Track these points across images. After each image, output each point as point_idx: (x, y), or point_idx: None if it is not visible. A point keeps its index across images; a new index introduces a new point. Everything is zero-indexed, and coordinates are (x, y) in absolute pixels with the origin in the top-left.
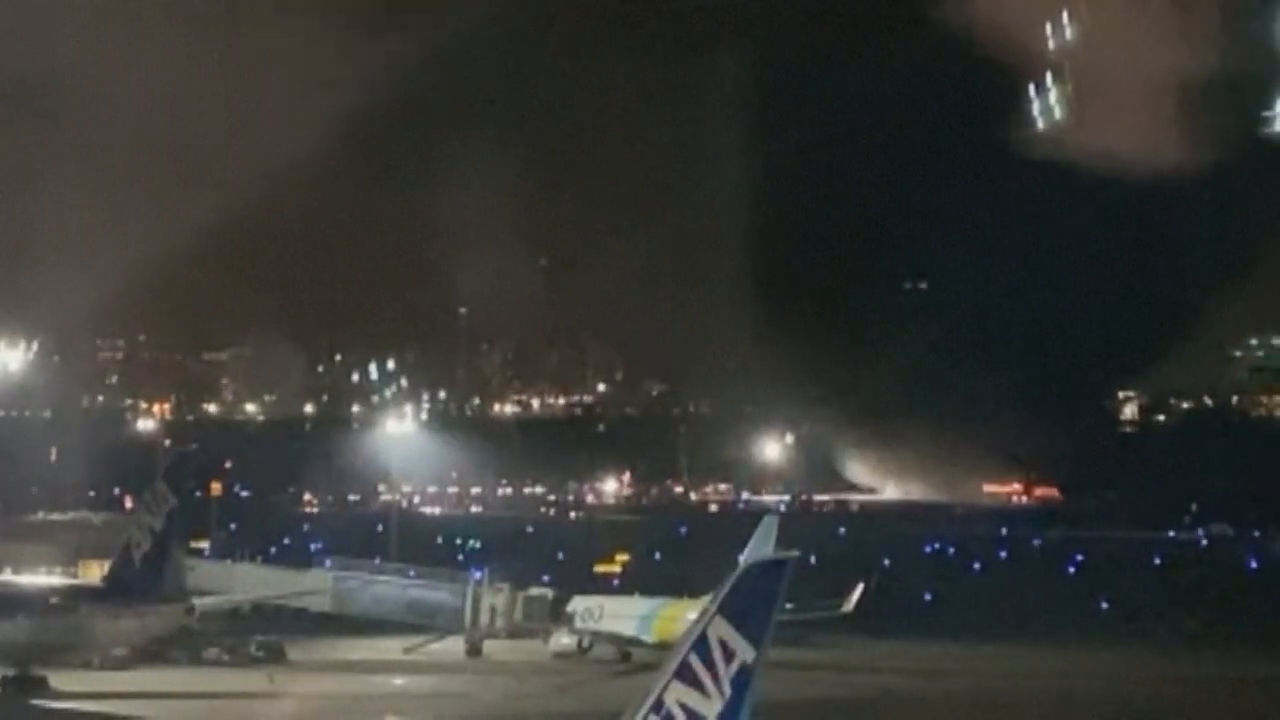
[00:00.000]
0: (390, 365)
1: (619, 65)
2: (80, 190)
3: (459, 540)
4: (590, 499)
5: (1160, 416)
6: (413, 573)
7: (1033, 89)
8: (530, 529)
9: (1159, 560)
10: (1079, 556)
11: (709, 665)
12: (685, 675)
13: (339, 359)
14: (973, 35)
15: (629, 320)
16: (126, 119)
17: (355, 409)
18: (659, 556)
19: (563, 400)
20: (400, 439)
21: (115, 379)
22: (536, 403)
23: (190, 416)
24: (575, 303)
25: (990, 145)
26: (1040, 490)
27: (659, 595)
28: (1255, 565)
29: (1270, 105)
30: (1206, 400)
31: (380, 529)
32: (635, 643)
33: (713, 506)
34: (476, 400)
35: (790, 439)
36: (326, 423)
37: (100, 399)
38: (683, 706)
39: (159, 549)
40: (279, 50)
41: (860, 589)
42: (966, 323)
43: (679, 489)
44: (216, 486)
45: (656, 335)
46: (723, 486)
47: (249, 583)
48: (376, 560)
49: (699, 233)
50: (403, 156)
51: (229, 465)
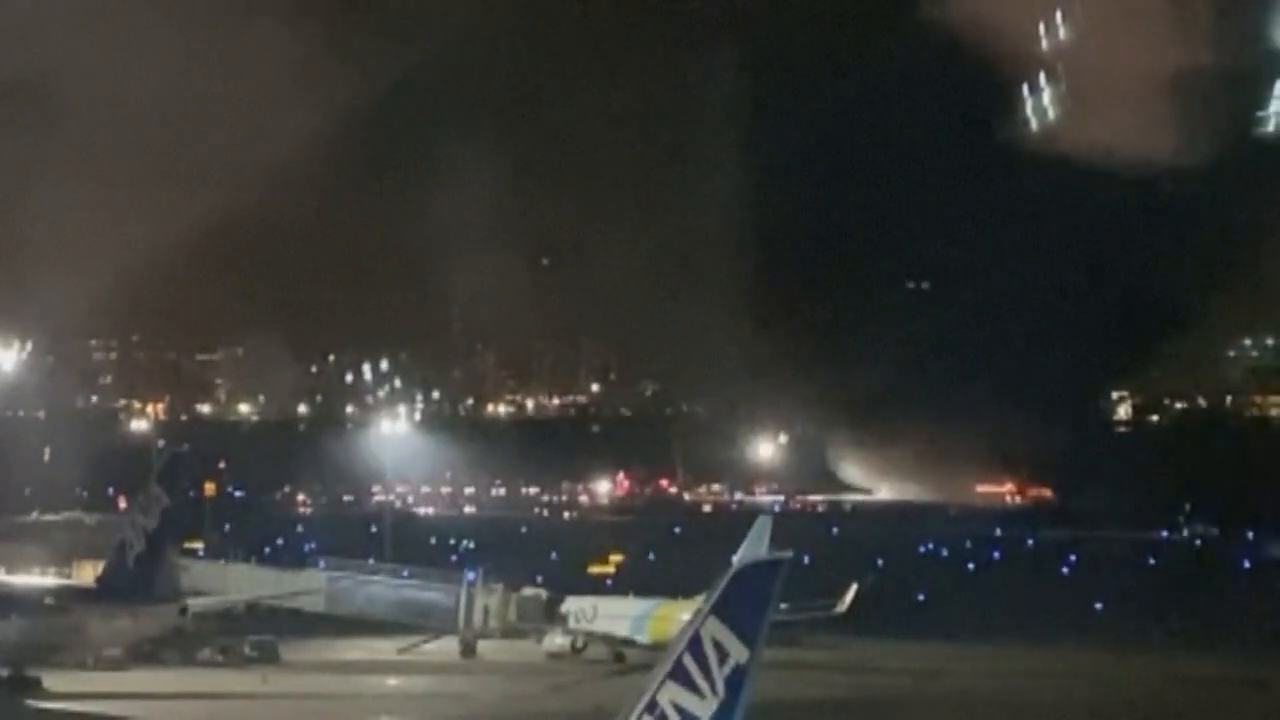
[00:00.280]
0: (384, 365)
1: (613, 63)
2: (74, 190)
3: (453, 540)
4: (584, 499)
5: (1154, 417)
6: (406, 573)
7: (1026, 89)
8: (524, 529)
9: (1153, 560)
10: (1072, 557)
11: (703, 666)
12: (679, 676)
13: (333, 359)
14: (966, 35)
15: (623, 320)
16: (122, 119)
17: (349, 409)
18: (653, 557)
19: (556, 400)
20: (394, 439)
21: (109, 379)
22: (530, 403)
23: (184, 417)
24: (569, 303)
25: (984, 145)
26: (1034, 490)
27: (653, 596)
28: (1248, 565)
29: (1263, 104)
30: (1200, 401)
31: (374, 529)
32: (629, 643)
33: (706, 507)
34: (470, 400)
35: (784, 439)
36: (320, 423)
37: (94, 399)
38: (676, 707)
39: (153, 550)
40: (270, 50)
41: (854, 589)
42: (960, 323)
43: (673, 489)
44: (210, 487)
45: (650, 335)
46: (716, 487)
47: (243, 583)
48: (370, 560)
49: (693, 233)
50: (397, 156)
51: (223, 466)
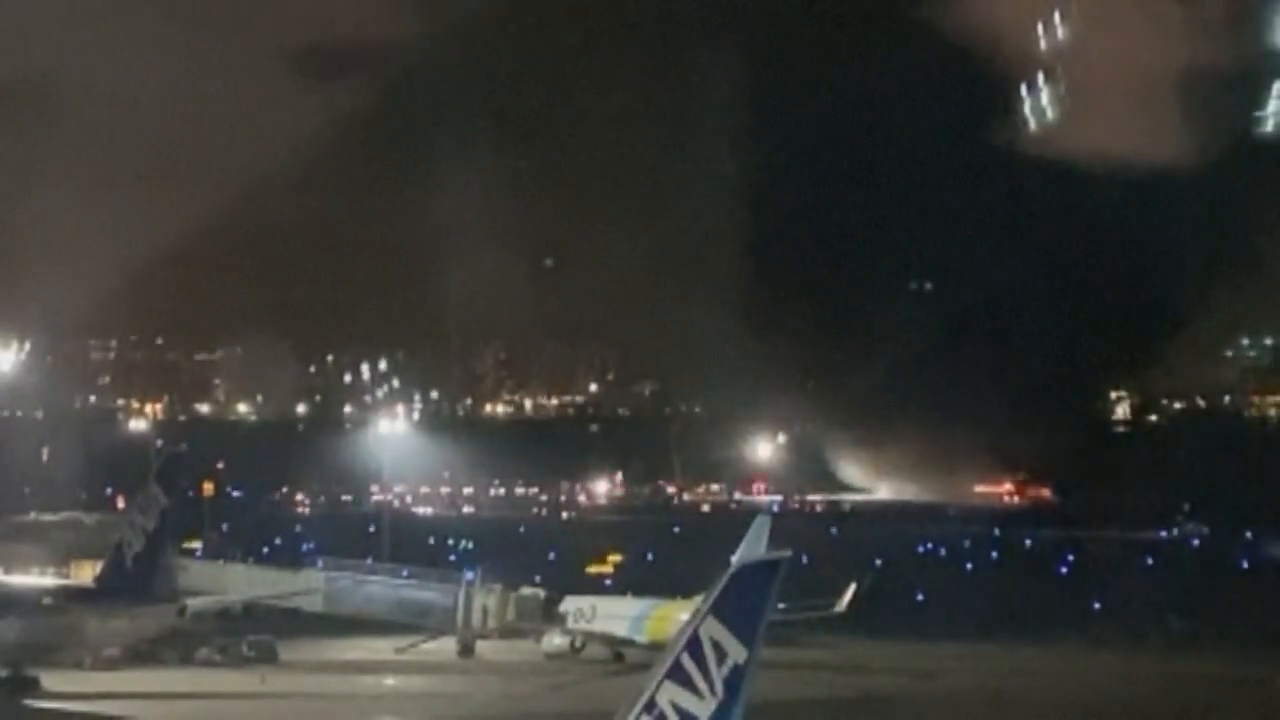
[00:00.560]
0: (383, 365)
1: (612, 63)
2: (71, 190)
3: (451, 540)
4: (582, 499)
5: (1152, 416)
6: (405, 573)
7: (1025, 88)
8: (522, 529)
9: (1151, 560)
10: (1071, 556)
11: (701, 666)
12: (678, 676)
13: (331, 359)
14: (966, 34)
15: (622, 320)
16: (119, 119)
17: (347, 409)
18: (651, 557)
19: (555, 400)
20: (392, 439)
21: (107, 379)
22: (529, 403)
23: (182, 417)
24: (568, 303)
25: (982, 145)
26: (1032, 490)
27: (651, 595)
28: (1246, 565)
29: (1262, 104)
30: (1199, 400)
31: (372, 529)
32: (628, 643)
33: (705, 507)
34: (469, 400)
35: (782, 439)
36: (319, 423)
37: (92, 399)
38: (675, 707)
39: (151, 549)
40: (267, 50)
41: (853, 589)
42: (958, 323)
43: (671, 489)
44: (209, 487)
45: (649, 335)
46: (715, 487)
47: (241, 583)
48: (368, 560)
49: (691, 233)
50: (395, 156)
51: (221, 465)
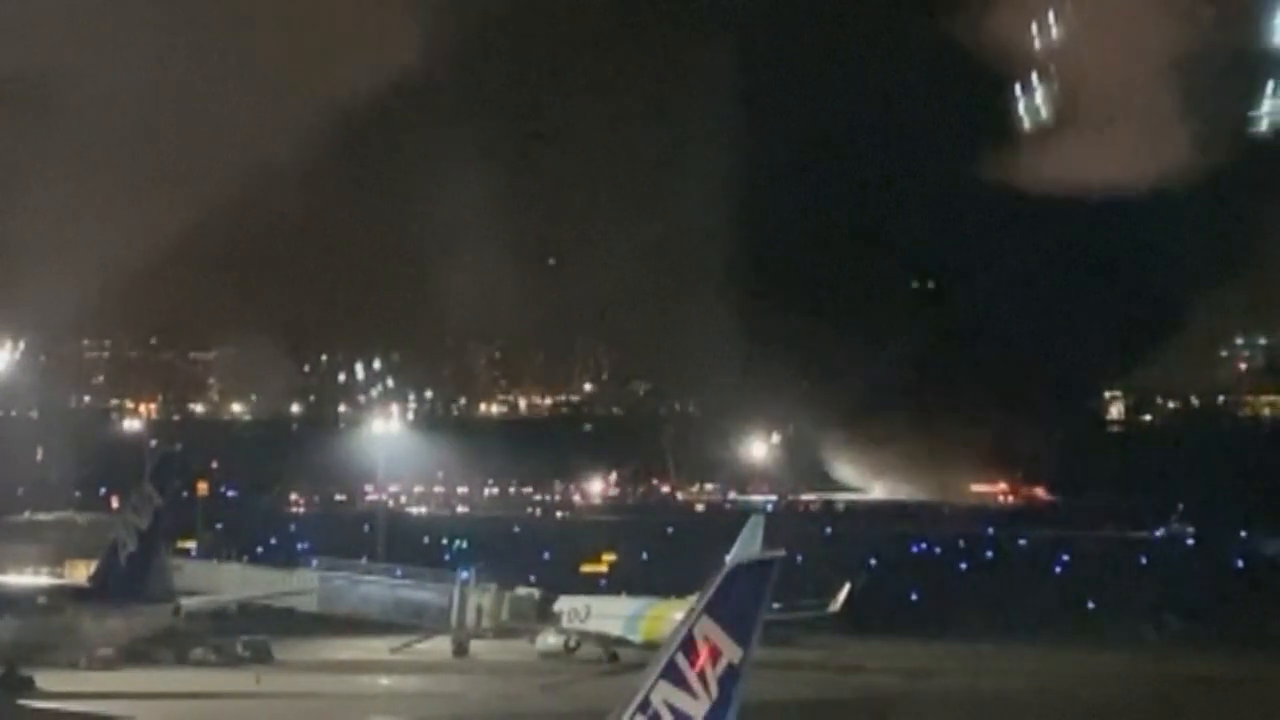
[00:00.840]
0: (377, 365)
1: (609, 62)
2: (65, 190)
3: (446, 540)
4: (577, 499)
5: (1147, 416)
6: (399, 572)
7: (1020, 89)
8: (517, 529)
9: (1145, 560)
10: (1065, 556)
11: (696, 665)
12: (672, 675)
13: (325, 359)
14: (965, 34)
15: (616, 320)
16: (114, 118)
17: (342, 409)
18: (646, 556)
19: (549, 400)
20: (387, 439)
21: (101, 379)
22: (523, 402)
23: (176, 416)
24: (562, 302)
25: (979, 145)
26: (1027, 490)
27: (646, 595)
28: (1241, 564)
29: (1256, 105)
30: (1193, 400)
31: (367, 529)
32: (622, 643)
33: (699, 506)
34: (463, 400)
35: (777, 439)
36: (313, 423)
37: (86, 399)
38: (669, 707)
39: (145, 549)
40: (267, 50)
41: (847, 589)
42: (952, 323)
43: (666, 488)
44: (203, 486)
45: (644, 334)
46: (709, 486)
47: (235, 582)
48: (363, 560)
49: (686, 233)
50: (390, 155)
51: (215, 465)
